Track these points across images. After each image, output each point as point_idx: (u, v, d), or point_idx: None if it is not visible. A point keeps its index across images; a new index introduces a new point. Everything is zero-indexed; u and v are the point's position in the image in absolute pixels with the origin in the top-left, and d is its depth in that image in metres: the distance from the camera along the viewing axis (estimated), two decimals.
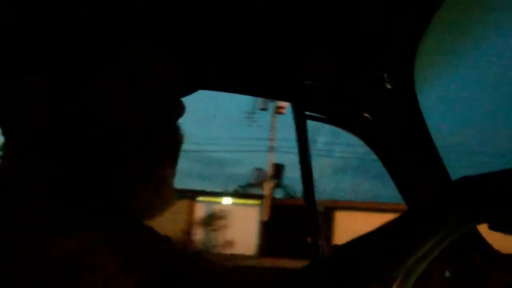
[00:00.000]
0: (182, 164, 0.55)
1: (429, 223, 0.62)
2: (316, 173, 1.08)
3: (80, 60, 0.48)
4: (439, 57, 0.87)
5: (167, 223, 0.95)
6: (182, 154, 0.54)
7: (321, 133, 1.13)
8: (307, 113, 1.09)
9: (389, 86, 0.89)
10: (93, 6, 0.51)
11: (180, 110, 0.52)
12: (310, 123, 1.12)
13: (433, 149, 0.87)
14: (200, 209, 14.66)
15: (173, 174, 0.52)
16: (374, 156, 0.99)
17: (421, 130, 0.86)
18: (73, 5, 0.50)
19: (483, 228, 0.66)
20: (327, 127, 1.14)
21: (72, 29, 0.49)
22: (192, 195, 14.30)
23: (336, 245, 0.85)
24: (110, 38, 0.50)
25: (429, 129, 0.86)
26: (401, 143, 0.92)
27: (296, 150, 1.11)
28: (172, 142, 0.52)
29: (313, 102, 1.08)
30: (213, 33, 0.87)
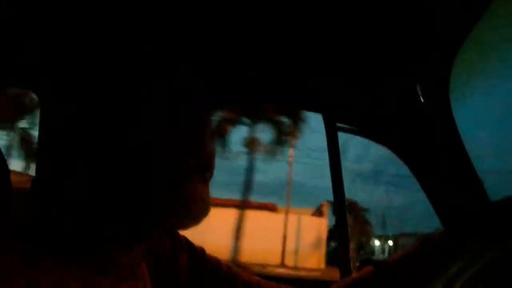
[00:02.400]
0: None
1: (466, 241, 0.61)
2: None
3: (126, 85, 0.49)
4: (476, 71, 0.85)
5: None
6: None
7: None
8: (338, 124, 1.08)
9: (422, 100, 0.87)
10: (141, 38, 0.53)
11: (210, 125, 0.53)
12: (341, 135, 1.11)
13: (469, 165, 0.84)
14: None
15: (206, 187, 0.52)
16: None
17: (456, 146, 0.84)
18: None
19: None
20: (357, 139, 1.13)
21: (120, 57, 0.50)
22: None
23: (370, 261, 0.84)
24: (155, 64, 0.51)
25: (465, 146, 0.84)
26: (435, 158, 0.90)
27: None
28: (204, 156, 0.52)
29: (344, 113, 1.07)
30: (246, 47, 0.88)
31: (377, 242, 25.63)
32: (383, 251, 24.67)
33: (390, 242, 24.36)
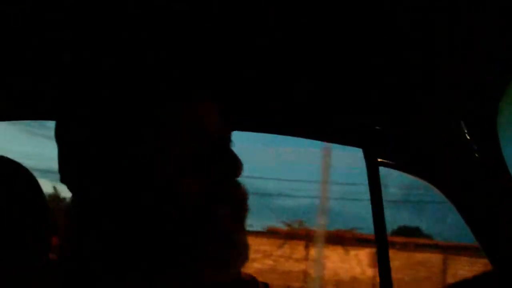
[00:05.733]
0: None
1: None
2: None
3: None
4: None
5: None
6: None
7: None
8: (379, 159, 1.07)
9: (468, 137, 0.86)
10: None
11: (240, 166, 0.51)
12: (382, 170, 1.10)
13: None
14: None
15: (244, 230, 0.51)
16: None
17: (506, 185, 0.82)
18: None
19: None
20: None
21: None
22: None
23: None
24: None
25: None
26: (483, 196, 0.87)
27: None
28: (238, 199, 0.51)
29: (385, 148, 1.06)
30: (287, 83, 0.90)
31: None
32: None
33: None
